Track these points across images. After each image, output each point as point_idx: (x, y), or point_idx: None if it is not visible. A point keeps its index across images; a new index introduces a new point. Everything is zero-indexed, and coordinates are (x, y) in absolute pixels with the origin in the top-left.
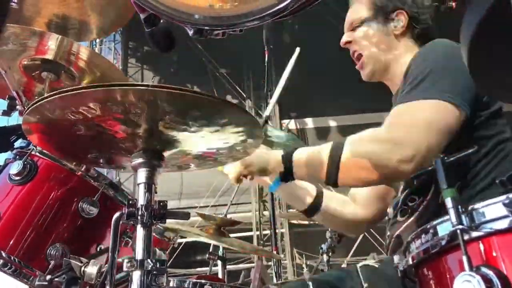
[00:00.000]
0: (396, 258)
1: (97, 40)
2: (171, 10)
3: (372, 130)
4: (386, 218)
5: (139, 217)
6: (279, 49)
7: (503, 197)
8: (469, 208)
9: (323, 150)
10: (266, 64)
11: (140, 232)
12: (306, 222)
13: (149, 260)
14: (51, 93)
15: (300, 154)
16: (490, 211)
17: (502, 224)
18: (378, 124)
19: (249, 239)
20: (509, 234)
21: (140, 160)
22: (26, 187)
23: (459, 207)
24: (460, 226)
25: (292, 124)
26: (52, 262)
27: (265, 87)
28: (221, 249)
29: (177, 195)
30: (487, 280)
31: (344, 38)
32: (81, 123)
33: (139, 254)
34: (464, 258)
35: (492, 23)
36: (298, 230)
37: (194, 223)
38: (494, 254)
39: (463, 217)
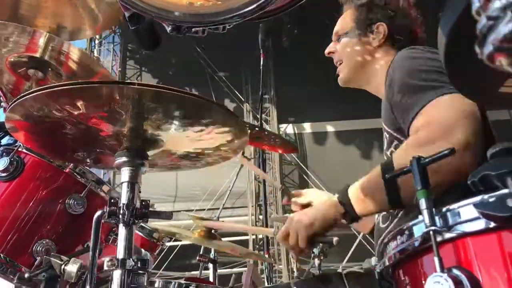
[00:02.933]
0: (373, 260)
1: (96, 42)
2: (151, 7)
3: (411, 138)
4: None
5: (120, 216)
6: (278, 53)
7: (474, 198)
8: (443, 209)
9: (374, 177)
10: (261, 67)
11: (122, 231)
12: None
13: (130, 259)
14: (34, 89)
15: (354, 190)
16: (463, 212)
17: (475, 226)
18: (375, 130)
19: (245, 242)
20: (481, 235)
21: (124, 159)
22: (12, 184)
23: (433, 208)
24: (433, 228)
25: (289, 128)
26: (38, 259)
27: (260, 90)
28: (212, 252)
29: (171, 198)
30: (457, 281)
31: (328, 49)
32: (66, 121)
33: (120, 253)
34: (436, 260)
35: (465, 29)
36: None
37: (190, 226)
38: (467, 255)
39: (436, 218)
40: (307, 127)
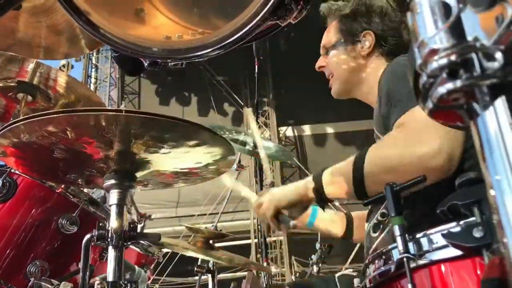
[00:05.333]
0: (356, 281)
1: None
2: (127, 44)
3: (387, 135)
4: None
5: (109, 240)
6: (275, 56)
7: (442, 227)
8: (417, 235)
9: (348, 164)
10: (256, 75)
11: (111, 253)
12: (303, 231)
13: (120, 282)
14: (21, 118)
15: (328, 173)
16: (437, 239)
17: (449, 253)
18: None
19: (247, 246)
20: (456, 261)
21: (112, 181)
22: (5, 205)
23: (407, 235)
24: (406, 255)
25: (289, 131)
26: (32, 279)
27: (256, 97)
28: (211, 262)
29: (174, 203)
30: None
31: (318, 63)
32: (55, 146)
33: (110, 276)
34: (409, 286)
35: None
36: (296, 238)
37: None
38: (441, 281)
39: (410, 244)
40: (307, 129)
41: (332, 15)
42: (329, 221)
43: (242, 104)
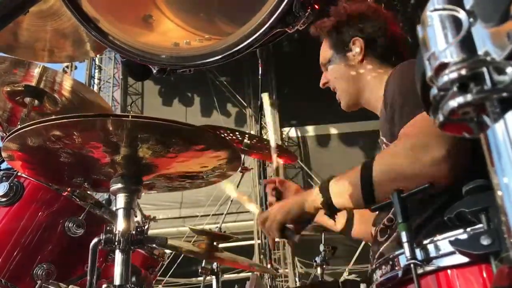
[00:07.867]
0: (362, 286)
1: None
2: (136, 51)
3: (393, 144)
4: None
5: (116, 243)
6: (278, 57)
7: (452, 233)
8: (425, 242)
9: (355, 174)
10: (260, 77)
11: (118, 257)
12: (307, 232)
13: (127, 286)
14: (29, 123)
15: (335, 184)
16: (444, 245)
17: (456, 259)
18: (378, 132)
19: (250, 247)
20: (463, 268)
21: (119, 185)
22: (12, 208)
23: (414, 241)
24: (413, 261)
25: (292, 131)
26: (39, 282)
27: (259, 99)
28: (215, 263)
29: (177, 204)
30: None
31: (322, 81)
32: (61, 150)
33: (117, 280)
34: None
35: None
36: (300, 239)
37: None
38: (447, 287)
39: (417, 251)
40: (310, 130)
41: (322, 33)
42: None
43: (245, 104)
